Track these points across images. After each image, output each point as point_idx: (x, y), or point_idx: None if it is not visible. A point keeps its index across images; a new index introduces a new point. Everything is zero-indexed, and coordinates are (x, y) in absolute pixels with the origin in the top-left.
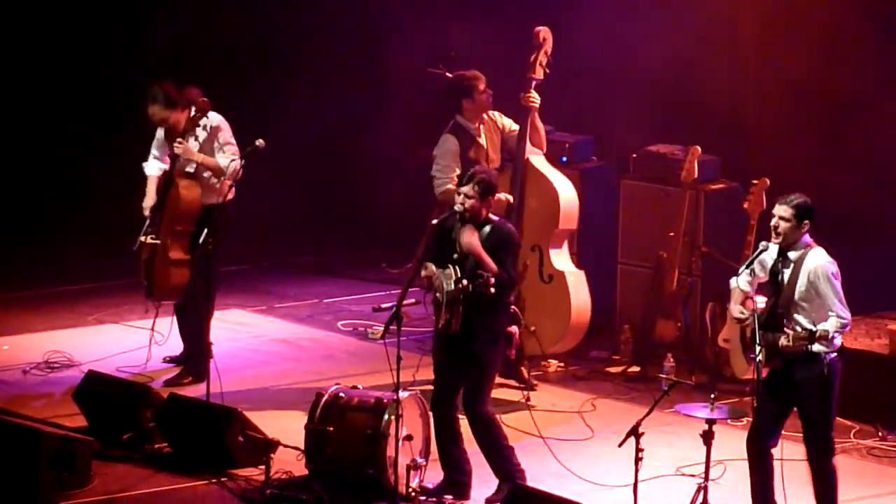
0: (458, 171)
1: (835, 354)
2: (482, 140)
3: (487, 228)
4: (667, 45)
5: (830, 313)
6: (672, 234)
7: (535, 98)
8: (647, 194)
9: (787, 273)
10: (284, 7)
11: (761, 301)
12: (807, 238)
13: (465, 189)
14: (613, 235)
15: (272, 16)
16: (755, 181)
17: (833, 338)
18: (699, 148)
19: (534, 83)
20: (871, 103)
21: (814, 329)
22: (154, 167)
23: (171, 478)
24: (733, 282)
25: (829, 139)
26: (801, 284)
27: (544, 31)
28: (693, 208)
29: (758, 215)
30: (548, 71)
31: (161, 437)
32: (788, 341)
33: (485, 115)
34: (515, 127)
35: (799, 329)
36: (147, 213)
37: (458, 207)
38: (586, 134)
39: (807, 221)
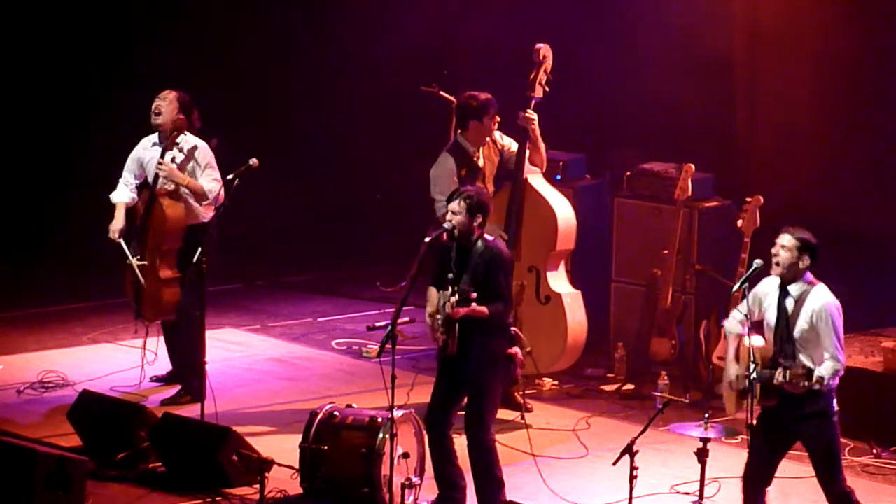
0: None
1: (833, 394)
2: (480, 162)
3: (480, 247)
4: (660, 64)
5: (826, 355)
6: (666, 251)
7: (532, 117)
8: (641, 212)
9: (789, 309)
10: (283, 26)
11: (757, 340)
12: (808, 275)
13: (452, 206)
14: (607, 253)
15: (270, 34)
16: (749, 199)
17: (828, 383)
18: (693, 166)
19: (533, 102)
20: (864, 121)
21: (812, 368)
22: (123, 194)
23: (165, 497)
24: (727, 325)
25: (822, 157)
26: (802, 323)
27: (544, 49)
28: (687, 226)
29: (752, 233)
30: (547, 90)
31: (155, 457)
32: (784, 378)
33: (487, 137)
34: (516, 147)
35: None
36: (114, 236)
37: (447, 225)
38: (580, 152)
39: (807, 256)
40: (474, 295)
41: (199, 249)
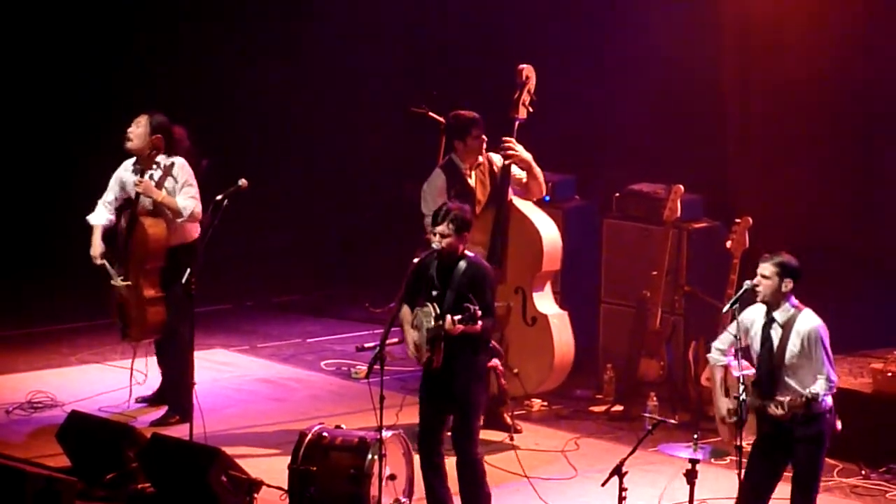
0: None
1: (828, 414)
2: (472, 181)
3: (463, 265)
4: (648, 84)
5: (819, 376)
6: (655, 273)
7: (513, 150)
8: (630, 233)
9: (775, 336)
10: (279, 49)
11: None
12: (793, 299)
13: (440, 228)
14: (596, 274)
15: (264, 58)
16: (738, 220)
17: (822, 399)
18: (682, 187)
19: (517, 124)
20: (854, 141)
21: (808, 394)
22: (101, 216)
23: None
24: (711, 358)
25: (812, 178)
26: (792, 348)
27: (527, 70)
28: (676, 247)
29: (741, 254)
30: (531, 110)
31: (144, 478)
32: (783, 409)
33: (480, 157)
34: (516, 172)
35: (789, 395)
36: (98, 261)
37: (435, 245)
38: (569, 173)
39: (789, 280)
40: (479, 313)
41: (189, 270)
